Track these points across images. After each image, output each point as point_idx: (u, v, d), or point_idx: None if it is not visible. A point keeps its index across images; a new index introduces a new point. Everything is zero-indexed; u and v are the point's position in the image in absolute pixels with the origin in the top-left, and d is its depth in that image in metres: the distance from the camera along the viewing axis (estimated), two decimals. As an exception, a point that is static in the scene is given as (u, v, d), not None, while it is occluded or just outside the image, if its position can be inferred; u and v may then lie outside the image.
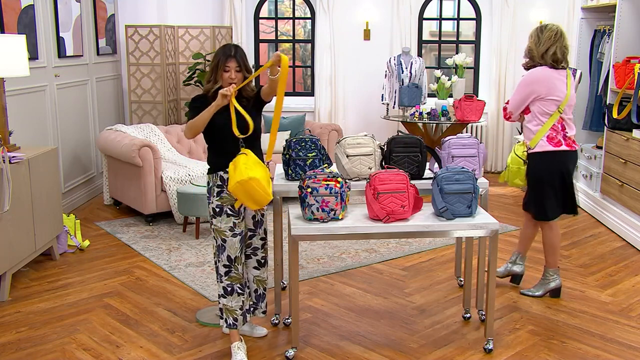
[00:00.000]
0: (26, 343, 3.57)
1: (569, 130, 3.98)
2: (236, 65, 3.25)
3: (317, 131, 6.76)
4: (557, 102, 3.90)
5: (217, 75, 3.27)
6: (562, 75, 3.94)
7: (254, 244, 3.54)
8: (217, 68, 3.26)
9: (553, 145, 3.94)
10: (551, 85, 3.90)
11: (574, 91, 3.96)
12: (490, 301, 3.41)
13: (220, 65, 3.25)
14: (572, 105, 3.98)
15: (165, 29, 7.24)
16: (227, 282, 3.36)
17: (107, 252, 5.08)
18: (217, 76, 3.27)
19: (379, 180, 3.26)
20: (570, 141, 3.99)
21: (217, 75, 3.27)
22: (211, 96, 3.28)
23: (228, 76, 3.25)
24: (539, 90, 3.91)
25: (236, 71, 3.25)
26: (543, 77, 3.92)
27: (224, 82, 3.27)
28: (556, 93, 3.90)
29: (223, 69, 3.25)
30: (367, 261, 4.87)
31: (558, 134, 3.95)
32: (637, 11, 5.70)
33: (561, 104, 3.90)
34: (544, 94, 3.90)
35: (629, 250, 5.13)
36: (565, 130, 3.97)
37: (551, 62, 3.92)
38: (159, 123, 7.30)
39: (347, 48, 8.00)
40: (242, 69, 3.27)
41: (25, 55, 4.35)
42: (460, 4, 8.18)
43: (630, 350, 3.50)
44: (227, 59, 3.25)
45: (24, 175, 4.32)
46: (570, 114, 4.00)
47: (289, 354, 3.38)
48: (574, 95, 3.97)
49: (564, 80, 3.92)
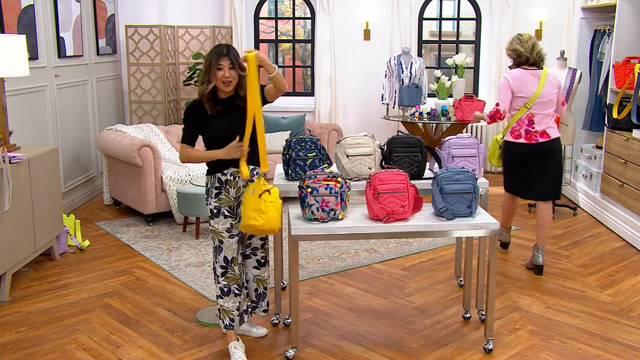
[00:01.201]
0: (26, 343, 3.57)
1: (536, 126, 4.36)
2: (229, 63, 3.24)
3: (317, 131, 6.76)
4: (525, 99, 4.34)
5: (211, 75, 3.25)
6: (536, 75, 4.36)
7: (254, 244, 3.54)
8: (210, 68, 3.25)
9: (513, 137, 4.44)
10: (522, 84, 4.35)
11: (547, 89, 4.35)
12: (490, 301, 3.41)
13: (213, 64, 3.23)
14: (545, 101, 4.34)
15: (165, 29, 7.24)
16: (223, 283, 3.36)
17: (107, 252, 5.08)
18: (211, 76, 3.25)
19: (379, 180, 3.26)
20: (535, 134, 4.38)
21: (210, 75, 3.25)
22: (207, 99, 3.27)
23: (222, 74, 3.23)
24: (515, 87, 4.37)
25: (229, 69, 3.24)
26: (517, 77, 4.38)
27: (217, 81, 3.25)
28: (524, 91, 4.34)
29: (216, 67, 3.23)
30: (367, 261, 4.87)
31: (521, 127, 4.39)
32: (637, 11, 5.70)
33: (528, 100, 4.32)
34: (516, 92, 4.37)
35: (629, 250, 5.13)
36: (533, 125, 4.36)
37: (535, 58, 4.36)
38: (159, 123, 7.30)
39: (347, 48, 8.00)
40: (235, 67, 3.25)
41: (25, 55, 4.34)
42: (460, 4, 8.18)
43: (630, 350, 3.50)
44: (219, 57, 3.24)
45: (24, 175, 4.32)
46: (547, 109, 4.39)
47: (289, 354, 3.38)
48: (548, 92, 4.35)
49: (537, 80, 4.34)
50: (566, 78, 5.80)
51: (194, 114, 3.33)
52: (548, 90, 4.36)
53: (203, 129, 3.33)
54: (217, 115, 3.29)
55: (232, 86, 3.28)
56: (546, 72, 4.38)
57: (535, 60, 4.39)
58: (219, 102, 3.31)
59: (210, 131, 3.30)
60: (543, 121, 4.38)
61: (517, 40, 4.44)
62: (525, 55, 4.38)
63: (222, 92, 3.31)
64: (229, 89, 3.28)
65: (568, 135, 5.86)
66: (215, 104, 3.30)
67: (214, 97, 3.30)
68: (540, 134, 4.40)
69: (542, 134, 4.40)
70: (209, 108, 3.29)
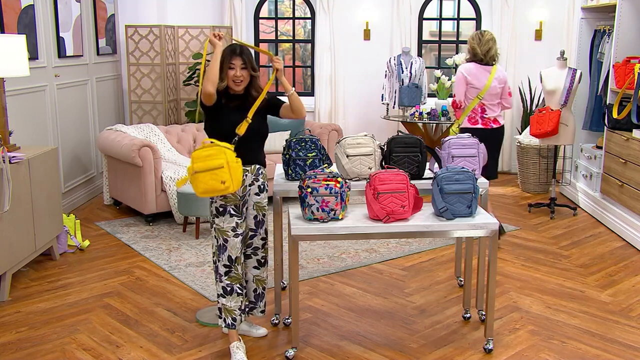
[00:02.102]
0: (26, 343, 3.57)
1: (488, 112, 5.01)
2: (241, 63, 3.27)
3: (317, 131, 6.76)
4: (477, 90, 4.93)
5: (223, 74, 3.28)
6: (487, 70, 4.97)
7: (255, 244, 3.55)
8: (222, 66, 3.27)
9: (471, 124, 5.02)
10: (475, 78, 4.94)
11: (495, 83, 4.95)
12: (490, 301, 3.41)
13: (226, 62, 3.27)
14: (493, 93, 4.98)
15: (165, 29, 7.24)
16: (226, 282, 3.36)
17: (107, 252, 5.08)
18: (223, 74, 3.28)
19: (379, 180, 3.26)
20: (488, 121, 5.02)
21: (222, 73, 3.28)
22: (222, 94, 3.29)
23: (233, 74, 3.26)
24: (469, 80, 4.94)
25: (241, 68, 3.27)
26: (470, 71, 4.96)
27: (229, 80, 3.28)
28: (477, 84, 4.93)
29: (228, 66, 3.27)
30: (367, 261, 4.87)
31: (477, 115, 5.02)
32: (637, 11, 5.70)
33: (480, 92, 4.93)
34: (470, 84, 4.95)
35: (629, 250, 5.13)
36: (485, 112, 5.01)
37: (487, 60, 4.95)
38: (159, 123, 7.30)
39: (347, 48, 8.00)
40: (247, 67, 3.28)
41: (25, 55, 4.34)
42: (460, 4, 8.18)
43: (630, 350, 3.50)
44: (232, 57, 3.27)
45: (24, 175, 4.32)
46: (496, 100, 5.01)
47: (289, 354, 3.38)
48: (496, 85, 4.96)
49: (487, 75, 4.95)
50: (566, 78, 5.79)
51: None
52: (495, 85, 4.97)
53: (213, 115, 3.33)
54: (229, 109, 3.32)
55: (242, 85, 3.31)
56: (496, 68, 4.99)
57: (487, 61, 4.97)
58: (232, 98, 3.34)
59: (221, 120, 3.31)
60: (494, 110, 5.04)
61: (477, 40, 4.98)
62: (480, 56, 4.96)
63: (234, 90, 3.33)
64: (239, 88, 3.30)
65: (568, 135, 5.86)
66: (229, 99, 3.33)
67: (226, 93, 3.33)
68: (492, 120, 5.04)
69: (494, 120, 5.05)
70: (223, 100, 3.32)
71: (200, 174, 3.08)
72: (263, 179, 3.49)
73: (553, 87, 5.85)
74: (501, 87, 5.03)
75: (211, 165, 3.07)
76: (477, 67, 4.96)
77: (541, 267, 4.74)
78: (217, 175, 3.07)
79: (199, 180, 3.09)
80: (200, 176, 3.08)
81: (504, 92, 5.08)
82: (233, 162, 3.10)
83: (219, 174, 3.08)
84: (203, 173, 3.08)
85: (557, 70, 5.89)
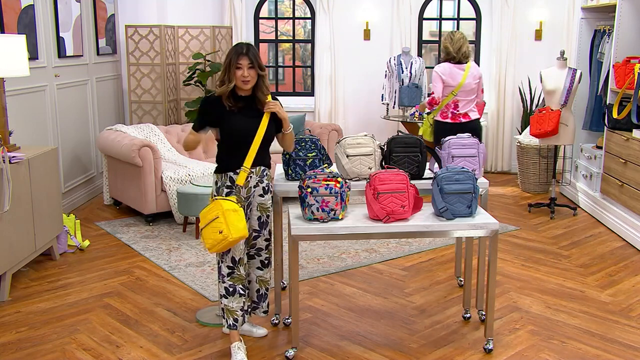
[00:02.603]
0: (26, 343, 3.57)
1: (460, 108, 5.20)
2: (248, 63, 3.25)
3: (317, 131, 6.76)
4: (451, 88, 5.14)
5: (230, 74, 3.27)
6: (461, 68, 5.16)
7: (259, 245, 3.54)
8: (229, 67, 3.27)
9: (442, 118, 5.26)
10: (450, 76, 5.15)
11: (469, 80, 5.14)
12: (490, 301, 3.41)
13: (233, 63, 3.25)
14: (468, 90, 5.16)
15: (165, 29, 7.24)
16: (229, 283, 3.36)
17: (107, 252, 5.08)
18: (230, 75, 3.27)
19: (379, 180, 3.26)
20: (458, 115, 5.22)
21: (230, 74, 3.27)
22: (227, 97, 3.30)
23: (241, 74, 3.25)
24: (444, 79, 5.15)
25: (249, 68, 3.26)
26: (445, 70, 5.17)
27: (237, 80, 3.27)
28: (451, 82, 5.14)
29: (235, 66, 3.25)
30: (367, 261, 4.87)
31: (449, 110, 5.23)
32: (637, 11, 5.70)
33: (454, 89, 5.14)
34: (445, 82, 5.16)
35: (629, 250, 5.13)
36: (457, 108, 5.21)
37: (460, 57, 5.14)
38: (159, 123, 7.30)
39: (347, 48, 8.00)
40: (254, 66, 3.27)
41: (25, 55, 4.34)
42: (460, 4, 8.18)
43: (630, 350, 3.50)
44: (238, 57, 3.25)
45: (24, 175, 4.32)
46: (470, 96, 5.19)
47: (289, 354, 3.38)
48: (470, 82, 5.15)
49: (462, 73, 5.14)
50: (566, 78, 5.80)
51: (212, 106, 3.34)
52: (470, 81, 5.16)
53: (221, 125, 3.34)
54: (238, 112, 3.32)
55: (250, 85, 3.30)
56: (469, 66, 5.17)
57: (459, 59, 5.17)
58: (239, 99, 3.34)
59: (230, 128, 3.32)
60: (466, 106, 5.22)
61: (449, 39, 5.19)
62: (453, 54, 5.16)
63: (241, 90, 3.33)
64: (247, 87, 3.30)
65: (568, 135, 5.86)
66: (236, 100, 3.32)
67: (234, 94, 3.32)
68: (463, 115, 5.23)
69: (464, 115, 5.23)
70: (229, 105, 3.31)
71: (204, 230, 3.21)
72: (267, 180, 3.48)
73: (553, 87, 5.85)
74: (476, 84, 5.21)
75: (209, 218, 3.20)
76: (451, 67, 5.16)
77: (541, 267, 4.74)
78: (214, 228, 3.17)
79: (204, 237, 3.23)
80: (204, 232, 3.22)
81: (479, 89, 5.28)
82: (229, 211, 3.17)
83: (216, 225, 3.18)
84: (205, 229, 3.21)
85: (557, 70, 5.89)
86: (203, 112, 3.39)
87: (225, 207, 3.16)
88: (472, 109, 5.26)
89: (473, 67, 5.21)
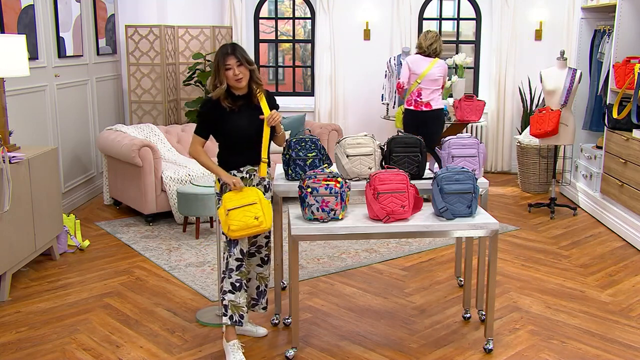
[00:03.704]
0: (26, 343, 3.57)
1: (423, 97, 5.76)
2: (237, 61, 3.26)
3: (317, 131, 6.76)
4: (416, 76, 5.73)
5: (221, 77, 3.29)
6: (428, 61, 5.74)
7: (259, 242, 3.56)
8: (218, 69, 3.28)
9: (407, 105, 5.89)
10: (416, 66, 5.75)
11: (433, 70, 5.68)
12: (490, 301, 3.41)
13: (221, 65, 3.27)
14: (431, 79, 5.70)
15: (165, 29, 7.24)
16: (236, 278, 3.34)
17: (107, 252, 5.08)
18: (221, 77, 3.29)
19: (379, 180, 3.26)
20: (421, 104, 5.78)
21: (220, 76, 3.29)
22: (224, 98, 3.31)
23: (232, 73, 3.26)
24: (411, 68, 5.75)
25: (238, 66, 3.27)
26: (414, 60, 5.80)
27: (230, 80, 3.28)
28: (417, 71, 5.73)
29: (225, 68, 3.26)
30: (367, 261, 4.87)
31: (412, 98, 5.82)
32: (637, 11, 5.70)
33: (418, 77, 5.71)
34: (412, 71, 5.75)
35: (629, 250, 5.13)
36: (420, 96, 5.77)
37: (430, 52, 5.72)
38: (159, 123, 7.30)
39: (347, 48, 8.00)
40: (243, 63, 3.28)
41: (25, 55, 4.34)
42: (460, 4, 8.17)
43: (630, 350, 3.50)
44: (225, 58, 3.27)
45: (24, 175, 4.32)
46: (433, 86, 5.73)
47: (289, 354, 3.38)
48: (434, 73, 5.69)
49: (427, 64, 5.72)
50: (566, 78, 5.79)
51: (212, 109, 3.35)
52: (434, 72, 5.70)
53: (221, 127, 3.35)
54: (238, 112, 3.33)
55: (244, 82, 3.32)
56: (436, 60, 5.73)
57: (429, 53, 5.73)
58: (237, 98, 3.35)
59: (230, 128, 3.33)
60: (429, 96, 5.76)
61: (424, 36, 5.78)
62: (424, 48, 5.75)
63: (237, 89, 3.34)
64: (242, 84, 3.31)
65: (568, 135, 5.86)
66: (235, 100, 3.34)
67: (231, 95, 3.33)
68: (424, 104, 5.77)
69: (426, 104, 5.77)
70: (228, 105, 3.32)
71: (233, 211, 3.17)
72: (268, 178, 3.50)
73: (553, 87, 5.85)
74: (440, 76, 5.74)
75: (244, 202, 3.18)
76: (420, 58, 5.77)
77: (541, 267, 4.74)
78: (250, 212, 3.18)
79: (232, 218, 3.18)
80: (233, 214, 3.18)
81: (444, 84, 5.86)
82: (265, 200, 3.22)
83: (252, 210, 3.18)
84: (236, 210, 3.17)
85: (557, 70, 5.88)
86: (205, 118, 3.40)
87: (261, 195, 3.20)
88: (435, 99, 5.77)
89: (440, 62, 5.75)
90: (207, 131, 3.40)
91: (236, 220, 3.18)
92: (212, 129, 3.39)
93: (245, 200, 3.20)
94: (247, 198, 3.21)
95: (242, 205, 3.18)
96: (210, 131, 3.40)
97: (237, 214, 3.18)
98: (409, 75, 5.78)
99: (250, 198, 3.20)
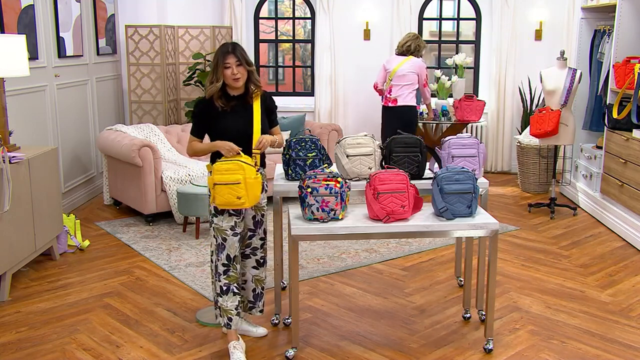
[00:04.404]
0: (26, 343, 3.57)
1: (393, 93, 6.06)
2: (236, 60, 3.27)
3: (317, 131, 6.76)
4: (388, 73, 6.07)
5: (219, 74, 3.29)
6: (399, 59, 6.06)
7: (254, 244, 3.55)
8: (217, 67, 3.29)
9: (382, 102, 6.22)
10: (388, 63, 6.12)
11: (403, 67, 5.97)
12: (490, 301, 3.41)
13: (220, 63, 3.28)
14: (401, 75, 5.99)
15: (165, 29, 7.24)
16: (224, 282, 3.36)
17: (107, 252, 5.08)
18: (219, 75, 3.29)
19: (379, 180, 3.26)
20: (389, 100, 6.10)
21: (218, 74, 3.30)
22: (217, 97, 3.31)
23: (230, 72, 3.27)
24: (385, 66, 6.12)
25: (237, 65, 3.28)
26: (388, 60, 6.19)
27: (226, 79, 3.29)
28: (389, 68, 6.06)
29: (223, 66, 3.27)
30: (367, 261, 4.87)
31: (384, 95, 6.16)
32: (637, 11, 5.70)
33: (390, 74, 6.03)
34: (385, 69, 6.11)
35: (629, 250, 5.13)
36: (390, 92, 6.08)
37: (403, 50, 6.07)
38: (159, 123, 7.30)
39: (347, 48, 8.00)
40: (242, 63, 3.29)
41: (25, 55, 4.34)
42: (460, 4, 8.17)
43: (630, 350, 3.50)
44: (225, 56, 3.28)
45: (24, 175, 4.32)
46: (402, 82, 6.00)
47: (289, 354, 3.38)
48: (404, 69, 5.98)
49: (398, 62, 6.02)
50: (566, 78, 5.79)
51: (205, 109, 3.36)
52: (404, 68, 5.98)
53: (214, 126, 3.35)
54: (230, 112, 3.33)
55: (241, 82, 3.33)
56: (409, 58, 6.02)
57: (402, 51, 6.09)
58: (231, 99, 3.35)
59: (223, 128, 3.33)
60: (398, 92, 6.03)
61: (403, 37, 6.17)
62: (399, 47, 6.12)
63: (233, 89, 3.34)
64: (239, 84, 3.32)
65: (568, 135, 5.86)
66: (228, 100, 3.34)
67: (225, 94, 3.34)
68: (392, 100, 6.07)
69: (394, 100, 6.06)
70: (221, 105, 3.32)
71: (219, 186, 3.18)
72: (263, 179, 3.49)
73: (553, 87, 5.85)
74: (411, 73, 5.99)
75: (229, 180, 3.18)
76: (394, 57, 6.15)
77: (541, 267, 4.74)
78: (234, 191, 3.17)
79: (217, 192, 3.20)
80: (219, 188, 3.19)
81: (420, 82, 6.09)
82: (251, 179, 3.19)
83: (236, 189, 3.17)
84: (222, 186, 3.17)
85: (557, 70, 5.88)
86: (199, 117, 3.40)
87: (248, 174, 3.18)
88: (403, 96, 6.01)
89: (413, 60, 6.02)
90: (202, 131, 3.41)
91: (220, 195, 3.20)
92: (206, 128, 3.39)
93: (232, 178, 3.18)
94: (233, 175, 3.18)
95: (228, 182, 3.17)
96: (204, 131, 3.41)
97: (222, 189, 3.19)
98: (384, 75, 6.11)
99: (236, 176, 3.18)
